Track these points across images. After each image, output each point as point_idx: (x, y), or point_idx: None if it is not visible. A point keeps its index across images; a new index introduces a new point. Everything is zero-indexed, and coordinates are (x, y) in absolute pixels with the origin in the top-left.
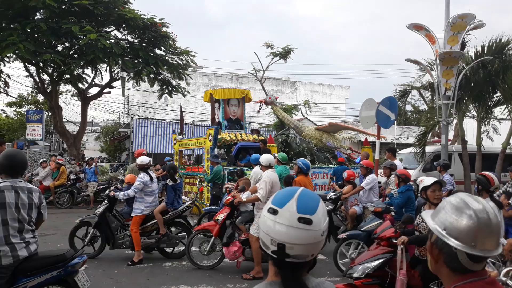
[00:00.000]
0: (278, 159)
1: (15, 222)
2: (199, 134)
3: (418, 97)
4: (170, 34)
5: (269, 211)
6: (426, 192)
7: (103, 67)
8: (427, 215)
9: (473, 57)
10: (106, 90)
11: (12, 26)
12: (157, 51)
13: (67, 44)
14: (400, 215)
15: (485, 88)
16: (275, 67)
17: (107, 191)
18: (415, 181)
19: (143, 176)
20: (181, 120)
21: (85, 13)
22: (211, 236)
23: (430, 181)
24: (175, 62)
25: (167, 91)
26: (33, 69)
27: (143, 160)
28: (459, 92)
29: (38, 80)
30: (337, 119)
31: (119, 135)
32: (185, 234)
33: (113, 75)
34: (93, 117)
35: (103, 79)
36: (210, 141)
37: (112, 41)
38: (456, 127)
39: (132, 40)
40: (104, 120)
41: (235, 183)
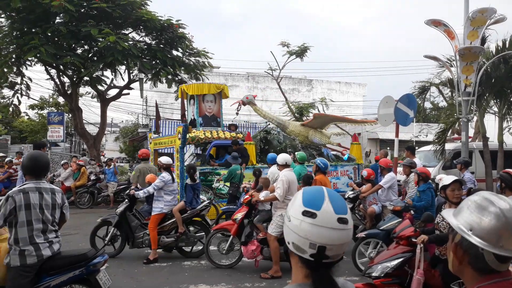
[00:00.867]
0: (296, 159)
1: (39, 222)
2: None
3: (437, 93)
4: (187, 35)
5: (305, 214)
6: (445, 191)
7: (121, 69)
8: (448, 214)
9: (494, 52)
10: (124, 91)
11: (33, 30)
12: (174, 52)
13: (86, 47)
14: (419, 214)
15: (506, 83)
16: (291, 66)
17: (127, 191)
18: (434, 180)
19: (165, 175)
20: (157, 117)
21: (104, 16)
22: (229, 235)
23: (449, 179)
24: (192, 63)
25: None
26: (54, 72)
27: (168, 160)
28: (480, 88)
29: (58, 82)
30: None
31: (138, 135)
32: (204, 233)
33: (132, 76)
34: (112, 118)
35: (123, 81)
36: (179, 139)
37: (130, 43)
38: (476, 124)
39: (149, 41)
40: (123, 121)
41: (252, 182)
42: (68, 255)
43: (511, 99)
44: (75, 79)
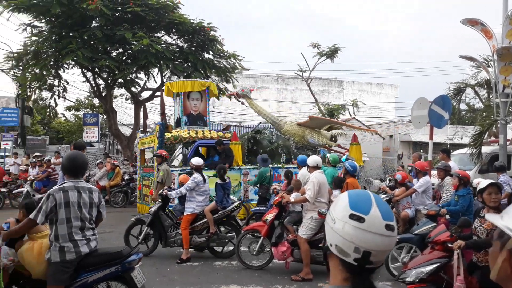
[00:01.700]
0: (329, 161)
1: (77, 220)
2: None
3: (473, 95)
4: (218, 38)
5: (352, 218)
6: (482, 195)
7: (154, 71)
8: (496, 219)
9: None
10: (157, 93)
11: (71, 34)
12: (206, 55)
13: (120, 50)
14: (455, 218)
15: None
16: (321, 67)
17: (160, 191)
18: (472, 184)
19: (197, 175)
20: (144, 117)
21: (137, 19)
22: (259, 236)
23: (485, 183)
24: (223, 65)
25: None
26: (89, 74)
27: (198, 161)
28: None
29: (94, 84)
30: (386, 119)
31: None
32: (234, 234)
33: (164, 79)
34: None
35: (155, 83)
36: (157, 138)
37: (163, 45)
38: None
39: (181, 44)
40: (155, 122)
41: (282, 184)
42: (104, 252)
43: None
44: (109, 82)
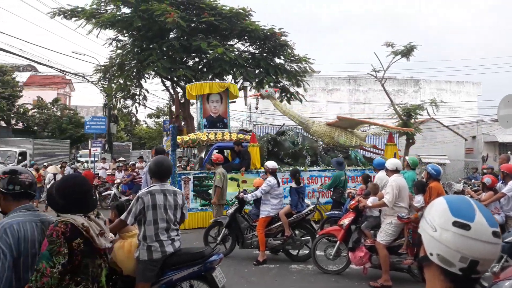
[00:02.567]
0: (408, 164)
1: (163, 222)
2: None
3: None
4: (288, 42)
5: (456, 225)
6: None
7: (228, 78)
8: None
9: None
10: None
11: (151, 46)
12: (277, 60)
13: (197, 59)
14: None
15: None
16: (396, 66)
17: (236, 193)
18: None
19: (271, 179)
20: (176, 118)
21: (211, 29)
22: (335, 240)
23: None
24: (294, 69)
25: (285, 98)
26: (168, 83)
27: (273, 164)
28: None
29: (173, 92)
30: (468, 119)
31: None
32: (309, 237)
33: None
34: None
35: None
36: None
37: (236, 53)
38: None
39: (253, 51)
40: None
41: (358, 188)
42: (187, 252)
43: None
44: None
